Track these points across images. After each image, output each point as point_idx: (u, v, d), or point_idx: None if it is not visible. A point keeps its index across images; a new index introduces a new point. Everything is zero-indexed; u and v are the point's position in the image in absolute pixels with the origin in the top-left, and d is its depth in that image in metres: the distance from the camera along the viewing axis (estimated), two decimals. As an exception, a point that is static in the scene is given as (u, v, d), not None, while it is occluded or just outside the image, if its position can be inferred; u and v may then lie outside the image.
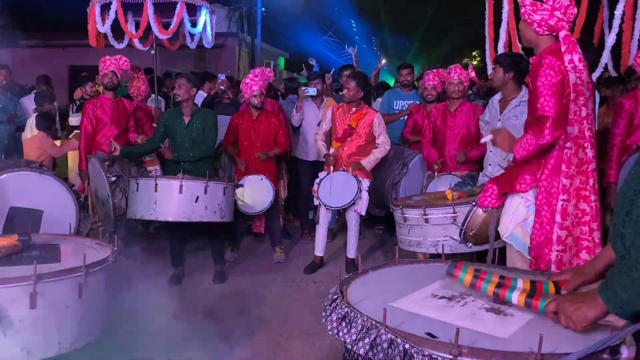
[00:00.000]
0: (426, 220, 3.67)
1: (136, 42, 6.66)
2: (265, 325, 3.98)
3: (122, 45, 6.67)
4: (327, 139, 5.17)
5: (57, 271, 2.30)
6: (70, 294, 2.33)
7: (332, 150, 5.05)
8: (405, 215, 3.80)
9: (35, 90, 7.74)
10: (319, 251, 5.22)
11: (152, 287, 4.55)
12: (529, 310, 1.73)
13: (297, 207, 6.41)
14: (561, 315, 1.59)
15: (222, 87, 6.50)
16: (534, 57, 2.96)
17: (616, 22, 4.79)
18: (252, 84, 5.20)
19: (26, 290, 2.16)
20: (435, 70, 5.69)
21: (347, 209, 4.95)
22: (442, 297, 1.87)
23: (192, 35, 6.97)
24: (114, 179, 4.62)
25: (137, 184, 4.27)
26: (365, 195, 4.90)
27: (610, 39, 4.78)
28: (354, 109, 4.96)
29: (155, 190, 4.16)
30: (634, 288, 1.43)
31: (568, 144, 2.74)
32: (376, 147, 4.95)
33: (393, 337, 1.50)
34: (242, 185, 5.00)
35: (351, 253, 5.14)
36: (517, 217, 2.81)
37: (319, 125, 5.49)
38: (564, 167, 2.75)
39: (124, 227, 4.85)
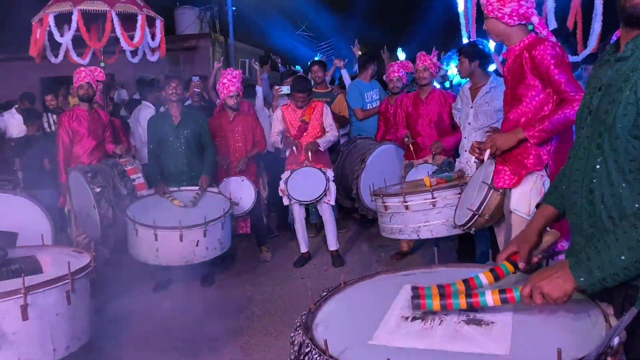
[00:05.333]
0: (406, 207, 3.76)
1: (73, 55, 6.66)
2: (254, 324, 4.03)
3: (57, 60, 6.64)
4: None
5: (45, 281, 2.36)
6: (60, 302, 2.40)
7: (287, 152, 5.19)
8: (385, 204, 3.89)
9: (15, 106, 7.62)
10: (303, 248, 5.32)
11: (139, 295, 4.60)
12: (504, 309, 1.69)
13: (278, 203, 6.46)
14: (536, 293, 1.55)
15: (197, 90, 6.52)
16: (506, 52, 3.07)
17: (598, 11, 4.92)
18: (230, 84, 5.24)
19: (17, 303, 2.22)
20: (399, 62, 5.75)
21: (319, 202, 5.05)
22: (415, 318, 1.72)
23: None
24: (98, 190, 4.60)
25: (136, 229, 4.27)
26: (333, 186, 5.07)
27: (597, 26, 4.93)
28: (304, 107, 5.12)
29: (156, 239, 4.17)
30: (612, 268, 1.42)
31: None
32: (327, 132, 5.14)
33: None
34: (236, 204, 5.07)
35: (332, 245, 5.24)
36: (536, 195, 2.89)
37: None
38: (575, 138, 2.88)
39: (112, 238, 4.85)
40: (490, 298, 1.65)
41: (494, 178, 3.04)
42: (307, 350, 1.49)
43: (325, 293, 1.93)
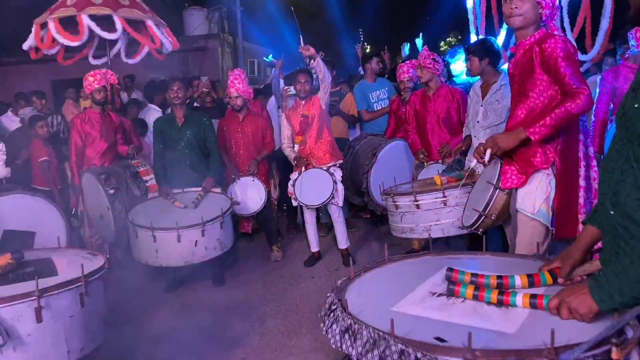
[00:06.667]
0: (417, 207, 3.75)
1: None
2: (266, 323, 4.04)
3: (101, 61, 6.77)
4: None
5: (59, 284, 2.39)
6: (74, 304, 2.44)
7: (296, 148, 5.16)
8: (396, 203, 3.89)
9: (11, 109, 7.64)
10: (313, 247, 5.34)
11: (151, 295, 4.64)
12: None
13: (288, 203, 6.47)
14: (564, 309, 1.56)
15: (206, 90, 6.56)
16: (514, 47, 3.04)
17: (607, 8, 4.91)
18: (230, 85, 5.29)
19: (31, 306, 2.26)
20: (408, 61, 5.69)
21: (327, 203, 5.04)
22: (441, 294, 1.82)
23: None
24: (112, 191, 4.63)
25: (136, 232, 4.31)
26: (340, 187, 5.04)
27: (605, 23, 4.93)
28: (303, 102, 5.10)
29: (154, 241, 4.21)
30: (630, 292, 1.42)
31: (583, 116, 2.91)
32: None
33: (404, 347, 1.43)
34: (237, 204, 5.08)
35: (342, 244, 5.25)
36: (541, 194, 2.88)
37: None
38: (581, 136, 2.91)
39: (125, 239, 4.88)
40: (520, 300, 1.69)
41: (501, 179, 3.00)
42: (334, 307, 1.73)
43: (371, 265, 2.17)
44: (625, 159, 1.49)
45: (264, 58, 7.21)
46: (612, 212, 1.53)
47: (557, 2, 2.89)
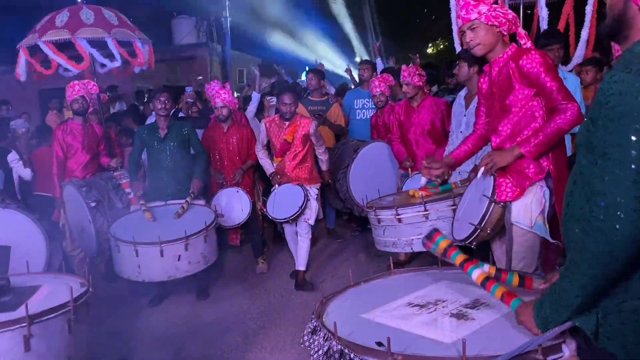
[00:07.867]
0: (399, 220, 3.71)
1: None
2: (249, 339, 3.99)
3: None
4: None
5: None
6: (14, 348, 2.14)
7: (275, 165, 5.06)
8: (378, 217, 3.85)
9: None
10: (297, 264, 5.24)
11: (134, 309, 4.58)
12: (491, 313, 1.82)
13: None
14: (519, 321, 1.63)
15: (190, 100, 6.53)
16: (487, 65, 2.99)
17: (587, 17, 4.95)
18: (216, 96, 5.24)
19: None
20: (380, 76, 5.70)
21: (297, 219, 4.86)
22: (415, 306, 1.97)
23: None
24: (93, 204, 4.56)
25: (118, 246, 4.22)
26: (314, 204, 4.87)
27: (584, 34, 4.96)
28: (287, 123, 4.87)
29: (137, 256, 4.11)
30: (565, 313, 1.45)
31: None
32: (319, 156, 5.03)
33: (342, 347, 1.68)
34: (222, 216, 5.04)
35: (301, 265, 4.97)
36: (537, 207, 2.86)
37: None
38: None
39: (108, 252, 4.80)
40: (476, 274, 1.85)
41: (496, 191, 2.95)
42: (313, 315, 2.01)
43: (374, 276, 2.42)
44: (574, 171, 1.49)
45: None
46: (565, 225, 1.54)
47: (510, 15, 2.82)
